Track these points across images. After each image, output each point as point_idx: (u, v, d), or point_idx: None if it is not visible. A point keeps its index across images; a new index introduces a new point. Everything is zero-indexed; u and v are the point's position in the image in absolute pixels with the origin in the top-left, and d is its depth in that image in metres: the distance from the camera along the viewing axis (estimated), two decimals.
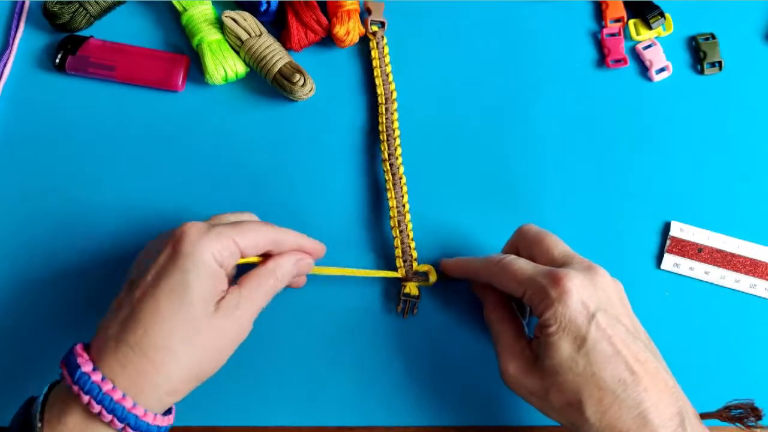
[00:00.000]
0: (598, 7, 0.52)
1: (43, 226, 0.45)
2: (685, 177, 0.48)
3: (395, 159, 0.45)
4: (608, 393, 0.33)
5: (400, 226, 0.44)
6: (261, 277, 0.37)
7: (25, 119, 0.47)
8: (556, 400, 0.35)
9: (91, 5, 0.48)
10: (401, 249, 0.44)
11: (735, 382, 0.44)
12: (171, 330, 0.32)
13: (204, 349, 0.33)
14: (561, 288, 0.34)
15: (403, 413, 0.43)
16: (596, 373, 0.33)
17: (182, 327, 0.33)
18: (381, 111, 0.47)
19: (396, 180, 0.45)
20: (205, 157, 0.47)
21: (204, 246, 0.34)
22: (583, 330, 0.34)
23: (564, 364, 0.34)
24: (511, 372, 0.37)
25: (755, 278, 0.46)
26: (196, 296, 0.33)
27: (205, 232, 0.34)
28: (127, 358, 0.32)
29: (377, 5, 0.49)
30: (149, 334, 0.32)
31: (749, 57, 0.51)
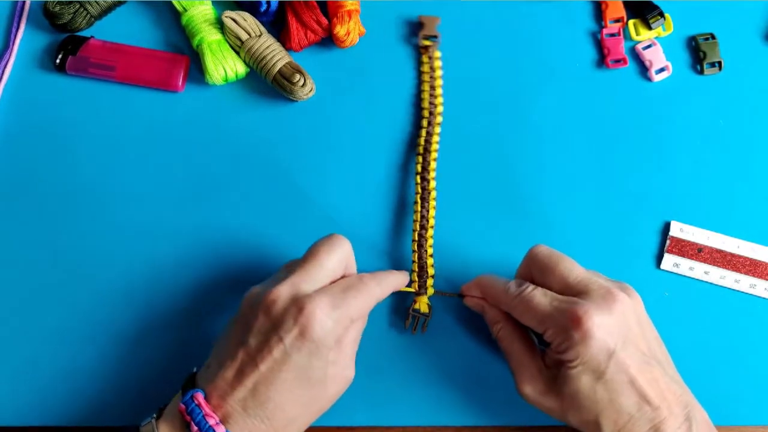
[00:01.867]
0: (598, 7, 0.52)
1: (43, 225, 0.45)
2: (685, 177, 0.48)
3: (428, 173, 0.45)
4: (624, 414, 0.35)
5: (420, 240, 0.44)
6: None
7: (26, 119, 0.47)
8: (573, 419, 0.36)
9: (92, 5, 0.48)
10: (418, 264, 0.44)
11: (735, 382, 0.44)
12: (300, 407, 0.35)
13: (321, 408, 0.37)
14: (583, 330, 0.35)
15: (403, 413, 0.43)
16: (613, 399, 0.35)
17: (309, 402, 0.36)
18: (423, 125, 0.47)
19: (425, 195, 0.45)
20: (205, 157, 0.47)
21: (330, 333, 0.35)
22: (603, 366, 0.35)
23: (582, 393, 0.36)
24: (528, 392, 0.38)
25: (755, 278, 0.46)
26: (324, 376, 0.35)
27: (328, 314, 0.35)
28: (257, 427, 0.34)
29: (431, 19, 0.49)
30: (279, 410, 0.34)
31: (749, 57, 0.51)
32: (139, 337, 0.43)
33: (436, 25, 0.49)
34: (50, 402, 0.42)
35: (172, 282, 0.44)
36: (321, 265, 0.37)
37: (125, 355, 0.43)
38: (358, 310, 0.36)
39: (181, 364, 0.43)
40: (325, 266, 0.37)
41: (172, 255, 0.45)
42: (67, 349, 0.43)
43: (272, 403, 0.34)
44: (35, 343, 0.43)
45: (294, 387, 0.34)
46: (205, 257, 0.45)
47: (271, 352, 0.34)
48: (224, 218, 0.46)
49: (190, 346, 0.43)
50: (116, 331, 0.43)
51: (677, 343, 0.44)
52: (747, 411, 0.44)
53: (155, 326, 0.44)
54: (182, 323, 0.44)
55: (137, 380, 0.43)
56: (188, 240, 0.45)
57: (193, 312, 0.44)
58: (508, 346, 0.40)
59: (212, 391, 0.34)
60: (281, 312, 0.34)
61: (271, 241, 0.46)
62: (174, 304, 0.44)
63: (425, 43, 0.48)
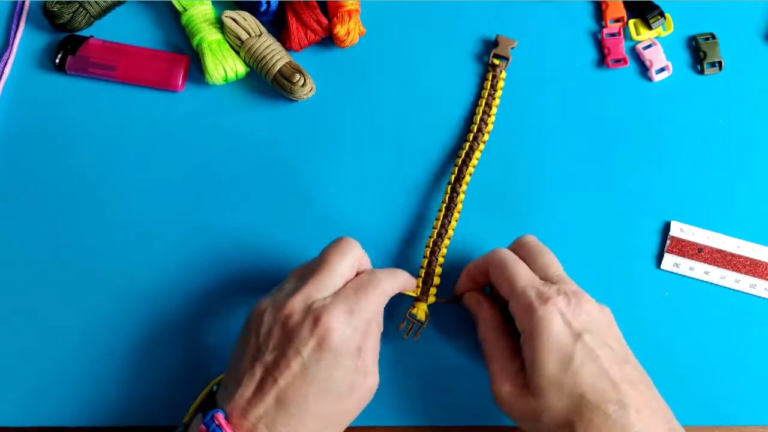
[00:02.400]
0: (598, 7, 0.52)
1: (43, 225, 0.45)
2: (685, 177, 0.48)
3: (459, 186, 0.45)
4: (599, 414, 0.33)
5: (434, 248, 0.43)
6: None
7: (25, 119, 0.47)
8: (548, 421, 0.34)
9: (91, 5, 0.48)
10: (426, 271, 0.43)
11: (735, 382, 0.44)
12: (324, 419, 0.34)
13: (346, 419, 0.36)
14: (547, 307, 0.35)
15: (403, 413, 0.43)
16: (585, 394, 0.33)
17: (332, 414, 0.35)
18: (467, 138, 0.47)
19: (452, 205, 0.44)
20: (205, 157, 0.47)
21: (349, 343, 0.35)
22: (569, 349, 0.34)
23: (552, 383, 0.34)
24: (504, 395, 0.37)
25: (755, 278, 0.46)
26: (346, 386, 0.35)
27: (345, 322, 0.35)
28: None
29: (507, 41, 0.49)
30: (302, 425, 0.34)
31: (749, 57, 0.51)
32: (139, 337, 0.43)
33: (510, 47, 0.49)
34: (50, 402, 0.42)
35: (173, 282, 0.44)
36: (333, 271, 0.36)
37: (125, 355, 0.43)
38: (372, 308, 0.36)
39: (181, 364, 0.43)
40: (337, 272, 0.36)
41: (171, 254, 0.45)
42: (67, 349, 0.43)
43: (295, 419, 0.33)
44: (35, 343, 0.43)
45: (316, 400, 0.34)
46: (205, 257, 0.45)
47: (289, 366, 0.33)
48: (225, 218, 0.46)
49: (190, 345, 0.43)
50: (116, 331, 0.43)
51: (677, 343, 0.45)
52: (747, 411, 0.44)
53: (155, 326, 0.44)
54: (183, 323, 0.44)
55: (138, 380, 0.42)
56: (188, 239, 0.45)
57: (194, 312, 0.44)
58: (491, 348, 0.39)
59: (232, 410, 0.33)
60: (297, 324, 0.34)
61: (271, 241, 0.45)
62: (174, 304, 0.44)
63: (495, 62, 0.49)
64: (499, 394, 0.37)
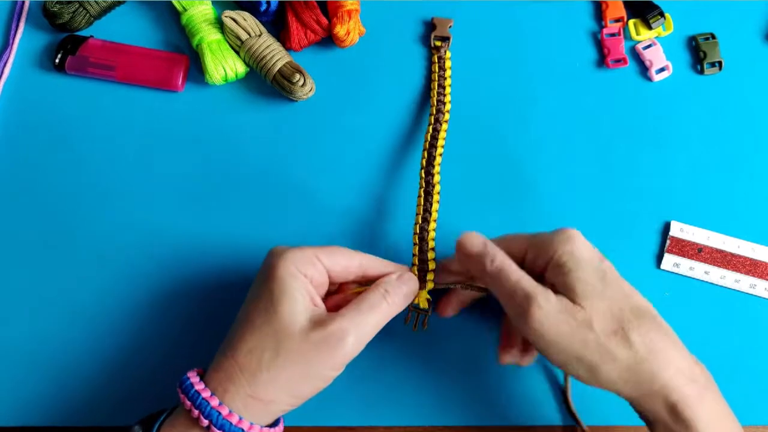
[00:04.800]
0: (598, 7, 0.52)
1: (43, 225, 0.45)
2: (685, 177, 0.48)
3: (432, 168, 0.44)
4: (647, 318, 0.34)
5: (421, 234, 0.42)
6: (366, 294, 0.37)
7: (25, 119, 0.47)
8: (600, 328, 0.34)
9: (91, 5, 0.48)
10: (419, 258, 0.42)
11: (735, 382, 0.44)
12: (259, 338, 0.34)
13: (296, 363, 0.34)
14: (567, 233, 0.36)
15: (404, 413, 0.43)
16: (629, 295, 0.35)
17: (270, 335, 0.34)
18: (430, 121, 0.46)
19: (429, 189, 0.44)
20: (205, 157, 0.47)
21: (287, 257, 0.35)
22: (598, 263, 0.35)
23: (595, 290, 0.34)
24: (546, 314, 0.34)
25: (755, 278, 0.46)
26: (282, 307, 0.34)
27: (287, 248, 0.36)
28: (220, 364, 0.35)
29: (444, 21, 0.50)
30: (240, 341, 0.34)
31: (749, 57, 0.51)
32: (139, 337, 0.43)
33: (448, 27, 0.49)
34: (50, 402, 0.42)
35: (173, 281, 0.44)
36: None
37: (126, 355, 0.43)
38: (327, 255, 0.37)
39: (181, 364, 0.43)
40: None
41: (171, 254, 0.45)
42: (67, 349, 0.43)
43: (235, 337, 0.35)
44: (35, 343, 0.43)
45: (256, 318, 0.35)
46: (205, 256, 0.45)
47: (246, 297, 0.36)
48: (224, 218, 0.46)
49: (191, 345, 0.43)
50: (116, 331, 0.43)
51: None
52: (747, 411, 0.44)
53: (155, 326, 0.44)
54: (183, 323, 0.44)
55: (137, 381, 0.42)
56: (188, 239, 0.45)
57: (194, 311, 0.44)
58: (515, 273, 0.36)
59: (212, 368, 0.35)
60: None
61: (271, 241, 0.45)
62: (174, 304, 0.44)
63: (437, 44, 0.49)
64: (538, 315, 0.34)
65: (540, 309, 0.34)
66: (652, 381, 0.33)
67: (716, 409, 0.34)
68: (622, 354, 0.33)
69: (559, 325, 0.34)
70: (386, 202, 0.47)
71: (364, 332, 0.35)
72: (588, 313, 0.34)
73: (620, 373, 0.34)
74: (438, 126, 0.46)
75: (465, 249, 0.38)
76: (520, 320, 0.35)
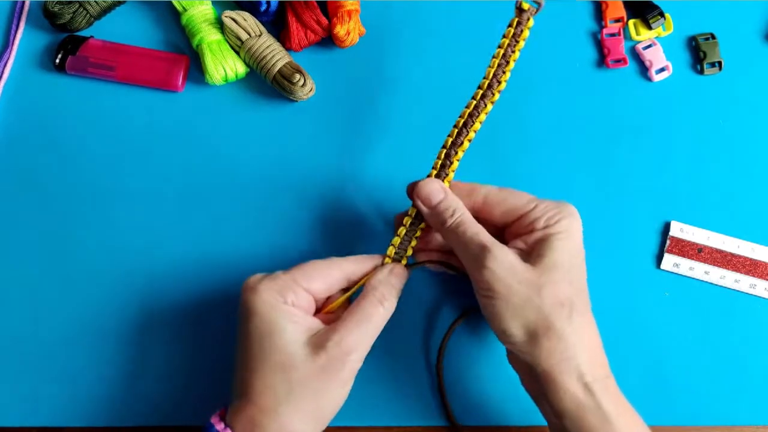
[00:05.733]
0: (598, 7, 0.52)
1: (43, 225, 0.45)
2: (685, 177, 0.48)
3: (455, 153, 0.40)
4: (589, 311, 0.37)
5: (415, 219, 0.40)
6: (361, 302, 0.37)
7: (25, 119, 0.47)
8: (548, 296, 0.35)
9: (91, 5, 0.48)
10: (400, 239, 0.40)
11: (735, 382, 0.44)
12: (267, 375, 0.34)
13: (310, 390, 0.34)
14: (571, 207, 0.38)
15: (404, 413, 0.43)
16: (584, 290, 0.37)
17: (276, 371, 0.34)
18: (474, 96, 0.40)
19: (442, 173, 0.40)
20: (205, 157, 0.47)
21: (262, 291, 0.35)
22: (579, 250, 0.37)
23: (564, 264, 0.36)
24: (507, 258, 0.36)
25: (755, 278, 0.46)
26: (277, 341, 0.34)
27: (260, 278, 0.36)
28: (239, 408, 0.35)
29: None
30: (250, 383, 0.35)
31: (749, 57, 0.51)
32: (139, 337, 0.43)
33: None
34: (50, 402, 0.42)
35: (172, 280, 0.44)
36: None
37: (125, 356, 0.43)
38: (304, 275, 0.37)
39: (181, 365, 0.43)
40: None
41: (170, 254, 0.45)
42: (67, 349, 0.43)
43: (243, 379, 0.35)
44: (35, 343, 0.43)
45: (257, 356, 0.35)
46: (204, 256, 0.45)
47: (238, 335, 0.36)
48: (224, 217, 0.46)
49: (191, 345, 0.43)
50: (116, 331, 0.43)
51: (677, 343, 0.45)
52: (747, 411, 0.44)
53: (154, 326, 0.44)
54: (183, 323, 0.44)
55: (137, 381, 0.43)
56: (187, 239, 0.45)
57: (195, 311, 0.44)
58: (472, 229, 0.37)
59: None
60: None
61: (271, 241, 0.45)
62: (174, 304, 0.44)
63: (524, 6, 0.39)
64: (492, 266, 0.35)
65: (495, 260, 0.36)
66: (589, 358, 0.35)
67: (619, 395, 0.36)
68: (561, 326, 0.35)
69: (510, 277, 0.35)
70: (387, 202, 0.47)
71: (365, 344, 0.36)
72: (542, 279, 0.35)
73: (551, 343, 0.35)
74: (482, 104, 0.40)
75: (424, 200, 0.39)
76: (474, 269, 0.36)
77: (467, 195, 0.39)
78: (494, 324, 0.36)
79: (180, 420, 0.42)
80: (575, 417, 0.35)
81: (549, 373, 0.35)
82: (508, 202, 0.38)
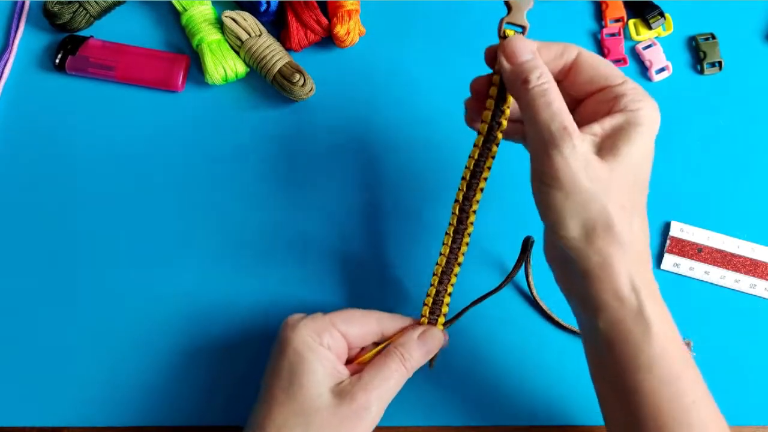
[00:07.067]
0: (598, 7, 0.52)
1: (43, 225, 0.45)
2: (685, 177, 0.48)
3: (469, 205, 0.38)
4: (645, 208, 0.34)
5: (442, 277, 0.39)
6: (385, 359, 0.37)
7: (25, 119, 0.47)
8: (614, 197, 0.32)
9: (91, 5, 0.48)
10: (434, 300, 0.40)
11: (735, 382, 0.44)
12: (286, 415, 0.34)
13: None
14: (656, 103, 0.34)
15: (404, 413, 0.43)
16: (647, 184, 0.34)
17: (296, 412, 0.34)
18: (477, 143, 0.37)
19: (460, 228, 0.38)
20: (205, 156, 0.47)
21: (301, 328, 0.36)
22: (653, 145, 0.34)
23: (638, 163, 0.33)
24: (584, 149, 0.32)
25: (755, 278, 0.46)
26: (304, 380, 0.35)
27: (301, 317, 0.37)
28: None
29: (520, 4, 0.37)
30: (267, 419, 0.34)
31: (749, 57, 0.51)
32: (138, 337, 0.43)
33: (525, 10, 0.37)
34: (50, 402, 0.42)
35: (171, 281, 0.44)
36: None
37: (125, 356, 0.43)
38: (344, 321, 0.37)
39: (179, 364, 0.43)
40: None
41: (170, 253, 0.45)
42: (67, 349, 0.43)
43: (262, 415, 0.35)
44: (35, 343, 0.43)
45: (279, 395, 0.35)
46: (204, 254, 0.45)
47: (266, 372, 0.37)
48: (224, 216, 0.46)
49: (190, 345, 0.43)
50: (115, 331, 0.43)
51: None
52: (747, 411, 0.44)
53: (154, 326, 0.44)
54: (183, 323, 0.44)
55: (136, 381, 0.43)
56: (187, 238, 0.45)
57: (195, 310, 0.44)
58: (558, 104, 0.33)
59: None
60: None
61: (270, 241, 0.45)
62: (173, 303, 0.44)
63: (508, 33, 0.36)
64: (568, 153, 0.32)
65: (573, 148, 0.32)
66: (638, 262, 0.33)
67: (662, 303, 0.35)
68: (621, 228, 0.32)
69: (581, 172, 0.32)
70: (387, 202, 0.47)
71: (385, 399, 0.36)
72: (613, 177, 0.32)
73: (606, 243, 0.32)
74: (488, 147, 0.36)
75: (509, 55, 0.34)
76: (543, 151, 0.32)
77: (558, 56, 0.36)
78: (548, 215, 0.33)
79: (181, 420, 0.42)
80: (614, 317, 0.33)
81: (596, 270, 0.32)
82: (599, 68, 0.35)
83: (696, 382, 0.34)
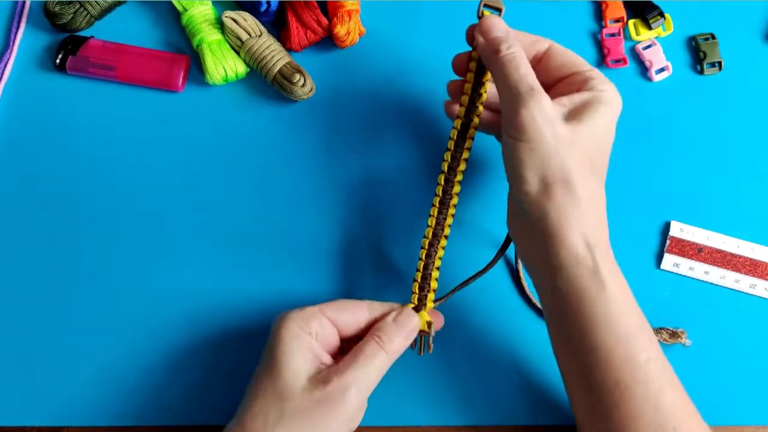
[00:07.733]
0: (598, 7, 0.52)
1: (43, 225, 0.45)
2: (685, 177, 0.48)
3: (454, 176, 0.40)
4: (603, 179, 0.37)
5: (429, 250, 0.40)
6: (361, 345, 0.37)
7: (26, 119, 0.47)
8: (574, 154, 0.35)
9: (92, 5, 0.48)
10: (422, 275, 0.40)
11: (735, 382, 0.44)
12: (264, 400, 0.35)
13: (300, 423, 0.34)
14: (618, 92, 0.38)
15: (404, 413, 0.43)
16: (606, 161, 0.37)
17: (273, 397, 0.35)
18: (459, 114, 0.40)
19: (446, 199, 0.40)
20: (205, 156, 0.47)
21: (291, 319, 0.36)
22: (613, 126, 0.37)
23: (600, 133, 0.36)
24: (549, 108, 0.35)
25: (755, 278, 0.46)
26: (283, 367, 0.35)
27: (293, 310, 0.37)
28: (231, 429, 0.35)
29: None
30: (247, 405, 0.35)
31: (749, 57, 0.51)
32: (138, 337, 0.43)
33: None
34: (50, 402, 0.42)
35: (171, 280, 0.44)
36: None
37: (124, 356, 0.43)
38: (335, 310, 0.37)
39: (179, 364, 0.43)
40: None
41: (170, 253, 0.45)
42: (67, 349, 0.43)
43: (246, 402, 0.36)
44: (35, 343, 0.43)
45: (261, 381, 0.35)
46: (204, 254, 0.45)
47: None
48: (224, 216, 0.46)
49: (189, 344, 0.43)
50: (115, 331, 0.43)
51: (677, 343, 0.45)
52: (747, 411, 0.44)
53: (154, 326, 0.44)
54: (183, 323, 0.44)
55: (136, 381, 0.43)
56: (187, 238, 0.45)
57: (194, 310, 0.44)
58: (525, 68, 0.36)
59: None
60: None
61: (270, 241, 0.46)
62: (173, 303, 0.44)
63: (485, 14, 0.39)
64: (533, 110, 0.35)
65: (538, 104, 0.35)
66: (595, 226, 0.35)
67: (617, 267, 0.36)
68: (578, 184, 0.34)
69: (546, 126, 0.35)
70: (387, 202, 0.47)
71: (364, 385, 0.36)
72: (575, 137, 0.35)
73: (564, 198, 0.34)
74: (469, 120, 0.40)
75: (485, 31, 0.38)
76: (512, 109, 0.35)
77: (532, 44, 0.39)
78: (512, 168, 0.36)
79: (181, 420, 0.42)
80: (571, 274, 0.34)
81: (553, 226, 0.34)
82: (569, 57, 0.39)
83: (651, 341, 0.36)
